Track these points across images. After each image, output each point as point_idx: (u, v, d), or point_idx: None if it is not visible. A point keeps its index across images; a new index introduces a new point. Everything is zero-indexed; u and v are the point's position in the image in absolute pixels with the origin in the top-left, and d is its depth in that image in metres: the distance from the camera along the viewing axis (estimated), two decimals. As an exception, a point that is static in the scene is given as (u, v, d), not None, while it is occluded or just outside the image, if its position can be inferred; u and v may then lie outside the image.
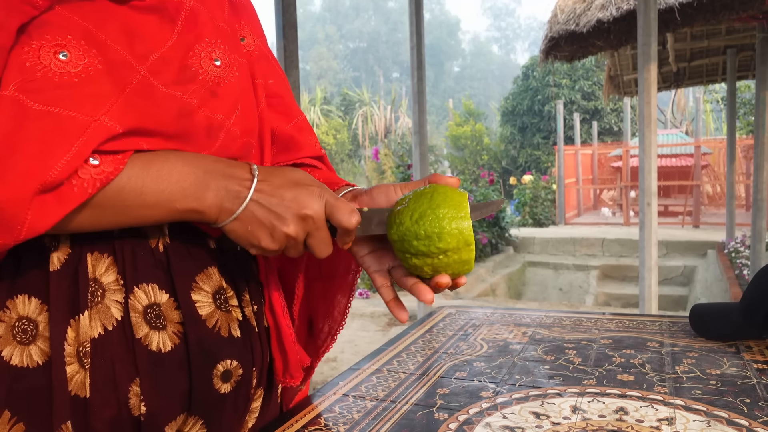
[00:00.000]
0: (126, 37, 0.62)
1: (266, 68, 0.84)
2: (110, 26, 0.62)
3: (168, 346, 0.64)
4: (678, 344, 1.02)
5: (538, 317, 1.24)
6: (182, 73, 0.65)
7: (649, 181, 3.60)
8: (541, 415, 0.75)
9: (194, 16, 0.68)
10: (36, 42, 0.57)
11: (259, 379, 0.74)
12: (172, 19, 0.66)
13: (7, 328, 0.60)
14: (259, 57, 0.82)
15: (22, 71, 0.56)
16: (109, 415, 0.62)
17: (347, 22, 74.60)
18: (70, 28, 0.59)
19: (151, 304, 0.64)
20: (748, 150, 12.41)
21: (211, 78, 0.67)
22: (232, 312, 0.70)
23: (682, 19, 4.78)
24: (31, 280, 0.61)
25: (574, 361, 0.95)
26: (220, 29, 0.71)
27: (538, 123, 21.57)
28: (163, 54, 0.64)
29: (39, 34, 0.58)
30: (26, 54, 0.57)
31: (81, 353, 0.61)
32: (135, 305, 0.64)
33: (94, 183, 0.56)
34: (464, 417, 0.75)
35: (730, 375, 0.87)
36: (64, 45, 0.58)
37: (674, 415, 0.74)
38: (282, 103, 0.85)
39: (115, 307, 0.63)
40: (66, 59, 0.58)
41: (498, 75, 72.36)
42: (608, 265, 9.32)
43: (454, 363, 0.96)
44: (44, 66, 0.57)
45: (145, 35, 0.64)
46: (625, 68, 7.93)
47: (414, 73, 4.55)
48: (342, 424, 0.74)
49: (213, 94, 0.68)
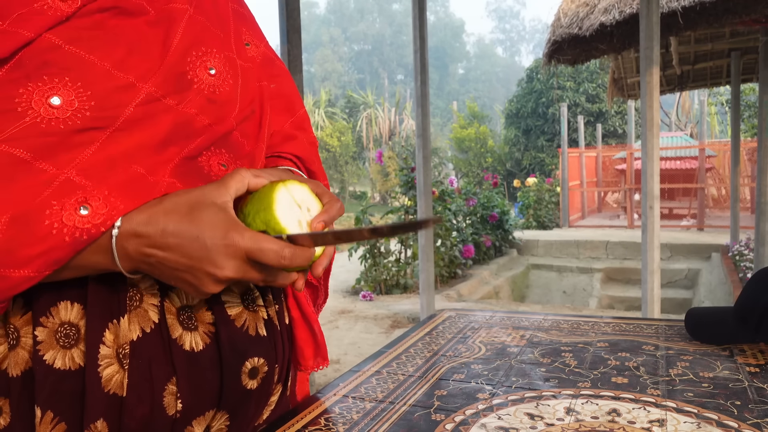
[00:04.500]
0: (127, 53, 0.65)
1: (271, 71, 0.88)
2: (114, 48, 0.64)
3: (200, 345, 0.67)
4: (673, 347, 1.04)
5: (537, 320, 1.25)
6: (179, 82, 0.68)
7: (651, 185, 3.61)
8: (536, 416, 0.77)
9: (192, 25, 0.71)
10: (32, 84, 0.59)
11: (280, 374, 0.78)
12: (172, 30, 0.68)
13: (50, 333, 0.62)
14: (263, 62, 0.86)
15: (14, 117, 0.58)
16: (142, 414, 0.65)
17: (352, 24, 74.72)
18: (69, 68, 0.61)
19: (184, 306, 0.68)
20: (752, 153, 12.39)
21: (206, 86, 0.70)
22: (259, 312, 0.74)
23: (685, 23, 4.79)
24: (73, 287, 0.63)
25: (570, 364, 0.97)
26: (217, 37, 0.74)
27: (542, 125, 21.57)
28: (162, 68, 0.66)
29: (38, 75, 0.60)
30: (21, 96, 0.59)
31: (120, 355, 0.63)
32: (170, 308, 0.67)
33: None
34: (460, 418, 0.77)
35: (723, 378, 0.89)
36: (59, 89, 0.60)
37: (665, 416, 0.76)
38: (281, 102, 0.90)
39: (152, 311, 0.66)
40: (58, 105, 0.60)
41: (502, 77, 72.35)
42: (612, 267, 9.31)
43: (453, 365, 0.98)
44: (35, 112, 0.59)
45: (148, 50, 0.66)
46: (629, 71, 7.94)
47: (417, 76, 4.57)
48: (341, 425, 0.76)
49: (210, 102, 0.70)
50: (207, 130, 0.70)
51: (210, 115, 0.70)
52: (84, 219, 0.57)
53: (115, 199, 0.59)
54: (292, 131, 0.90)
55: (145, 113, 0.64)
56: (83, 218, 0.57)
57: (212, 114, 0.71)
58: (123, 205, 0.59)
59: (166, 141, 0.66)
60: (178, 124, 0.67)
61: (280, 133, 0.89)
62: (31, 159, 0.57)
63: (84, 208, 0.57)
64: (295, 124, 0.92)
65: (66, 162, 0.59)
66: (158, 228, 0.59)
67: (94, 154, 0.60)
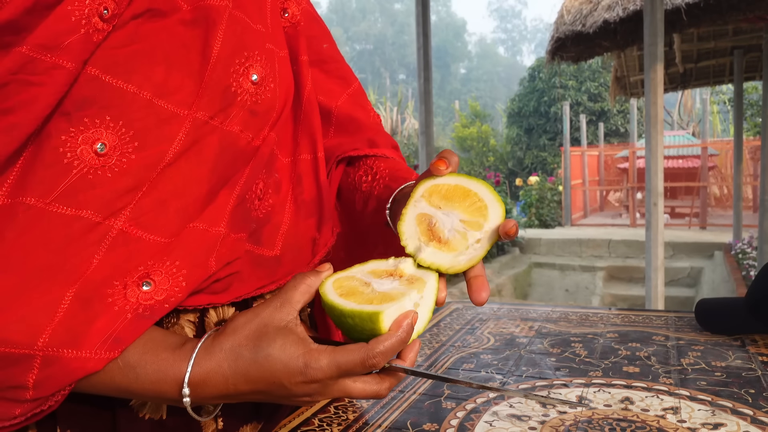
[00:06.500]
0: (166, 71, 0.60)
1: (317, 31, 0.82)
2: (152, 68, 0.59)
3: None
4: (683, 338, 1.03)
5: (545, 312, 1.25)
6: (223, 98, 0.62)
7: (655, 181, 3.60)
8: (548, 405, 0.76)
9: (233, 26, 0.63)
10: (74, 129, 0.55)
11: None
12: (212, 34, 0.62)
13: None
14: (309, 21, 0.80)
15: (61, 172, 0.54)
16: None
17: (354, 24, 74.72)
18: (109, 105, 0.56)
19: (220, 320, 0.67)
20: (755, 151, 12.36)
21: (249, 97, 0.64)
22: None
23: (689, 20, 4.78)
24: None
25: (580, 354, 0.96)
26: (258, 33, 0.67)
27: (545, 124, 21.55)
28: (206, 85, 0.61)
29: (78, 118, 0.55)
30: (64, 145, 0.54)
31: None
32: (209, 323, 0.66)
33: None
34: (471, 406, 0.76)
35: (736, 367, 0.88)
36: (101, 134, 0.56)
37: (679, 404, 0.75)
38: (339, 67, 0.84)
39: (189, 327, 0.64)
40: (103, 152, 0.56)
41: (504, 77, 72.31)
42: (614, 266, 9.30)
43: (462, 355, 0.97)
44: (81, 162, 0.55)
45: (188, 61, 0.61)
46: (631, 69, 7.92)
47: (420, 73, 4.57)
48: (351, 412, 0.76)
49: (252, 114, 0.65)
50: (250, 149, 0.66)
51: (252, 129, 0.66)
52: (146, 295, 0.56)
53: (177, 272, 0.58)
54: (354, 112, 0.84)
55: (192, 142, 0.60)
56: (145, 294, 0.56)
57: (254, 127, 0.66)
58: (185, 281, 0.58)
59: (214, 169, 0.62)
60: (224, 146, 0.63)
61: (341, 113, 0.82)
62: (86, 216, 0.55)
63: (146, 284, 0.56)
64: (353, 99, 0.85)
65: (117, 212, 0.56)
66: (229, 387, 0.55)
67: (143, 197, 0.57)
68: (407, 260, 0.62)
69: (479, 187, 0.63)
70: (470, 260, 0.61)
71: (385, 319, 0.55)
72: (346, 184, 0.85)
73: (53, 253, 0.53)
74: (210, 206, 0.62)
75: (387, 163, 0.82)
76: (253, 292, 0.68)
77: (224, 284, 0.64)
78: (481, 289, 0.60)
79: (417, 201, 0.63)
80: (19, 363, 0.50)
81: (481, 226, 0.62)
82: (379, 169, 0.81)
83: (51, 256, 0.53)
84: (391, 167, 0.80)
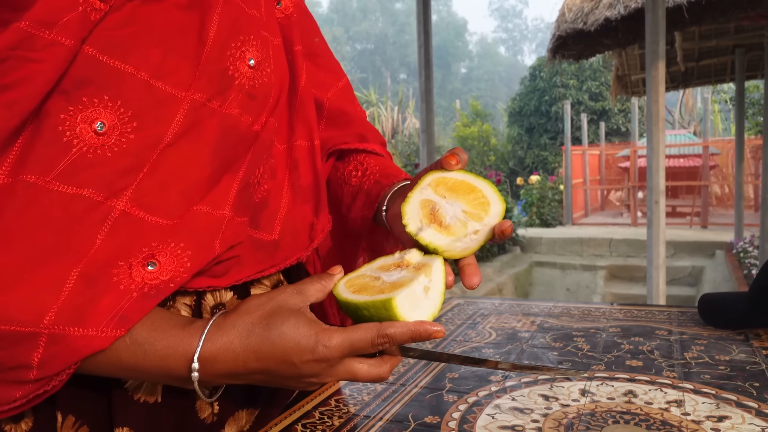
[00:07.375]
0: (163, 54, 0.59)
1: (309, 25, 0.83)
2: (149, 50, 0.58)
3: None
4: (686, 332, 1.03)
5: (547, 308, 1.24)
6: (221, 81, 0.63)
7: (657, 179, 3.59)
8: (550, 398, 0.75)
9: (228, 10, 0.64)
10: (73, 107, 0.55)
11: None
12: (207, 17, 0.62)
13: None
14: (301, 14, 0.81)
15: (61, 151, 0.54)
16: (175, 419, 0.64)
17: (354, 23, 74.71)
18: (107, 85, 0.56)
19: (217, 304, 0.66)
20: (756, 150, 12.34)
21: (246, 81, 0.65)
22: None
23: (691, 18, 4.77)
24: None
25: (583, 348, 0.96)
26: (253, 18, 0.68)
27: (546, 124, 21.54)
28: (202, 67, 0.61)
29: (77, 97, 0.55)
30: (63, 124, 0.54)
31: None
32: (206, 306, 0.66)
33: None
34: (473, 399, 0.76)
35: (739, 361, 0.87)
36: (100, 113, 0.56)
37: (683, 397, 0.75)
38: (330, 62, 0.85)
39: (185, 311, 0.64)
40: (102, 131, 0.56)
41: (505, 76, 72.28)
42: (615, 265, 9.29)
43: (463, 349, 0.97)
44: (80, 141, 0.55)
45: (184, 45, 0.61)
46: (632, 68, 7.91)
47: (421, 71, 4.56)
48: (352, 405, 0.75)
49: (250, 98, 0.66)
50: (251, 134, 0.66)
51: (251, 113, 0.66)
52: (152, 274, 0.56)
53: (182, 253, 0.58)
54: (345, 105, 0.85)
55: (191, 123, 0.60)
56: (151, 273, 0.56)
57: (253, 111, 0.66)
58: (190, 263, 0.58)
59: (215, 152, 0.62)
60: (224, 129, 0.63)
61: (333, 105, 0.83)
62: (87, 195, 0.54)
63: (151, 264, 0.56)
64: (343, 93, 0.86)
65: (119, 192, 0.56)
66: (239, 364, 0.56)
67: (144, 178, 0.57)
68: (412, 251, 0.64)
69: (484, 185, 0.66)
70: (465, 249, 0.64)
71: (398, 304, 0.57)
72: (335, 177, 0.86)
73: (56, 233, 0.53)
74: (214, 190, 0.62)
75: (377, 161, 0.84)
76: (252, 276, 0.68)
77: (225, 267, 0.64)
78: (474, 275, 0.63)
79: (423, 188, 0.66)
80: (25, 341, 0.50)
81: (481, 219, 0.64)
82: (369, 166, 0.83)
83: (54, 235, 0.52)
84: (381, 164, 0.83)
